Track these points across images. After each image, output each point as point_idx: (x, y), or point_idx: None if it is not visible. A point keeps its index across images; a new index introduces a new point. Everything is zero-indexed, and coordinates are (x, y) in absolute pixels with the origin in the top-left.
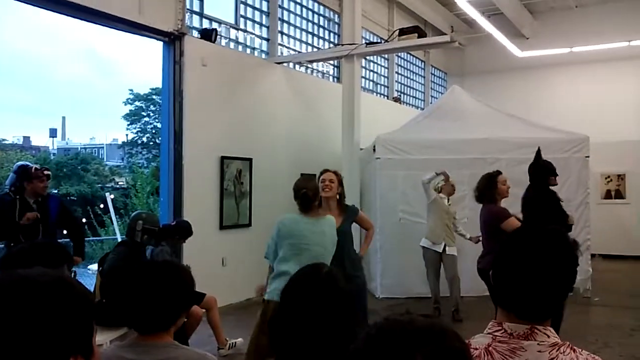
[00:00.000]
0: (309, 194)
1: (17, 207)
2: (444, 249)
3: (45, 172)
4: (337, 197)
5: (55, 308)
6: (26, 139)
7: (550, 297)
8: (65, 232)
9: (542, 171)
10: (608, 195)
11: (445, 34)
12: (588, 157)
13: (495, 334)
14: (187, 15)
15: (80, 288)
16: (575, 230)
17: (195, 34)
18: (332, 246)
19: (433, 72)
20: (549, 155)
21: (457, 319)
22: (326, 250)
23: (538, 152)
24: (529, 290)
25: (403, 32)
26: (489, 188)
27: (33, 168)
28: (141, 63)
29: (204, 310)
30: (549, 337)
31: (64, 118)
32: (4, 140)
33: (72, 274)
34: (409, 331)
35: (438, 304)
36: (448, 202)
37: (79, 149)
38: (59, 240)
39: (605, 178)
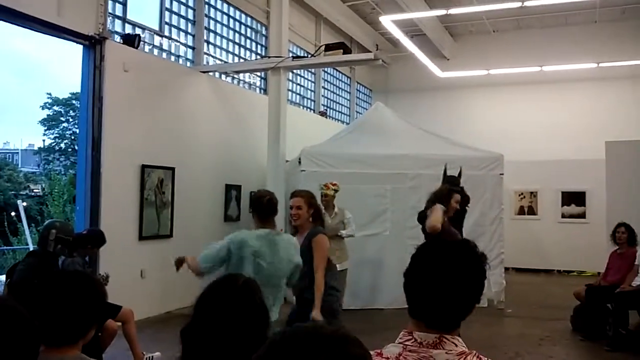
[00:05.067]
0: (274, 200)
1: None
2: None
3: None
4: (310, 219)
5: None
6: None
7: (458, 307)
8: None
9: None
10: (521, 211)
11: (370, 52)
12: (502, 174)
13: (406, 343)
14: (109, 19)
15: None
16: (489, 245)
17: (118, 38)
18: (287, 263)
19: (358, 88)
20: (466, 172)
21: None
22: (279, 270)
23: (444, 170)
24: (438, 300)
25: (329, 47)
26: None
27: None
28: (61, 66)
29: (119, 323)
30: (456, 345)
31: None
32: None
33: None
34: (311, 338)
35: None
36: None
37: None
38: None
39: (519, 195)
